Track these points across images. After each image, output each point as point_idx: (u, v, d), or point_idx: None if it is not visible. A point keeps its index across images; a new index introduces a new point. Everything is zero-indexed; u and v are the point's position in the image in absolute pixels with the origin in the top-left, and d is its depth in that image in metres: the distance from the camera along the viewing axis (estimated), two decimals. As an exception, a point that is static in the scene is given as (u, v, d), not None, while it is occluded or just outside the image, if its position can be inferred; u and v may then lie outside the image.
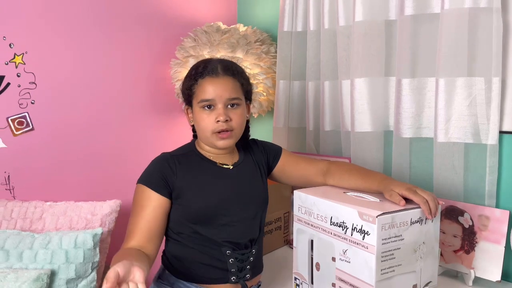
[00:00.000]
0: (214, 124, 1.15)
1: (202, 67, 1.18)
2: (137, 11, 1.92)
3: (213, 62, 1.19)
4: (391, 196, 1.05)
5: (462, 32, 1.36)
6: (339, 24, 1.66)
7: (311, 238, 1.15)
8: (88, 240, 1.44)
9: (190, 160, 1.20)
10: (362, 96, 1.60)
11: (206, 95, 1.15)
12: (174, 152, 1.22)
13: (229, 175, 1.22)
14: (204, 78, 1.16)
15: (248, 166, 1.27)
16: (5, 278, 1.30)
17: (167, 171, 1.15)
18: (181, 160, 1.19)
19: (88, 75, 1.79)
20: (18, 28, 1.60)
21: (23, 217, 1.54)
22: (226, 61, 1.22)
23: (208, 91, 1.15)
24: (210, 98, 1.15)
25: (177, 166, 1.17)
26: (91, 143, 1.81)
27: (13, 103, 1.61)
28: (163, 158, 1.20)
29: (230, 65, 1.21)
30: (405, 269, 1.02)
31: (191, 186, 1.16)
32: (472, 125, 1.39)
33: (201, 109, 1.16)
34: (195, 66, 1.21)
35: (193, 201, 1.15)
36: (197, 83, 1.17)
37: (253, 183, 1.26)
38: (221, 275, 1.18)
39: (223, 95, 1.15)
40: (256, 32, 1.94)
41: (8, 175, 1.62)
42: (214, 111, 1.15)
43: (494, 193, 1.38)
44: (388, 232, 0.97)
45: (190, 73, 1.21)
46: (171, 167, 1.16)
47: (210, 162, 1.22)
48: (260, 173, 1.29)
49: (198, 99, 1.16)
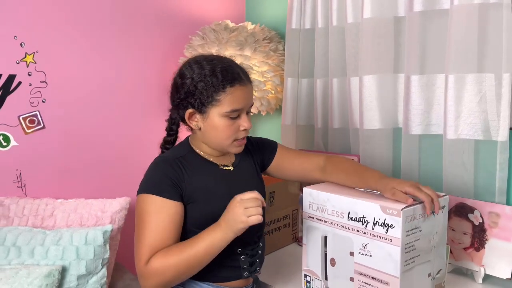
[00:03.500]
0: (238, 132, 1.13)
1: (226, 71, 1.09)
2: (146, 10, 1.93)
3: (234, 67, 1.12)
4: (394, 194, 1.03)
5: (472, 28, 1.34)
6: (348, 21, 1.65)
7: (325, 235, 1.15)
8: (99, 236, 1.45)
9: (192, 163, 1.15)
10: (371, 93, 1.60)
11: (237, 105, 1.10)
12: (172, 154, 1.15)
13: (231, 176, 1.19)
14: (234, 87, 1.09)
15: (245, 164, 1.26)
16: (17, 274, 1.32)
17: (175, 176, 1.09)
18: (184, 163, 1.13)
19: (98, 74, 1.80)
20: (29, 28, 1.62)
21: (34, 214, 1.56)
22: (238, 65, 1.17)
23: (239, 101, 1.10)
24: (240, 108, 1.11)
25: (183, 171, 1.11)
26: (101, 141, 1.83)
27: (24, 102, 1.63)
28: (165, 162, 1.13)
29: (245, 70, 1.17)
30: (423, 259, 1.06)
31: (198, 191, 1.11)
32: (482, 122, 1.38)
33: (224, 118, 1.10)
34: (213, 69, 1.09)
35: (202, 208, 1.11)
36: (224, 92, 1.08)
37: (254, 181, 1.26)
38: (234, 272, 1.17)
39: (248, 104, 1.13)
40: (264, 30, 1.94)
41: (20, 172, 1.64)
42: (238, 119, 1.12)
43: (505, 190, 1.37)
44: (410, 224, 1.00)
45: (211, 79, 1.09)
46: (177, 171, 1.10)
47: (212, 164, 1.18)
48: (256, 170, 1.29)
49: (227, 108, 1.09)
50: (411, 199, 1.01)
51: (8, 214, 1.54)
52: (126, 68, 1.89)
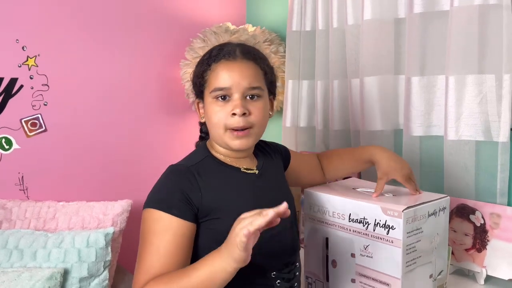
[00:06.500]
0: (229, 118, 0.94)
1: (218, 49, 0.99)
2: (148, 13, 1.94)
3: (231, 45, 1.00)
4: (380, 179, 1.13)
5: (472, 29, 1.34)
6: (348, 23, 1.66)
7: (326, 236, 1.15)
8: (100, 239, 1.46)
9: (210, 169, 0.98)
10: (372, 95, 1.60)
11: (220, 82, 0.94)
12: (186, 162, 0.99)
13: (257, 182, 1.02)
14: (219, 62, 0.96)
15: (271, 167, 1.09)
16: (19, 277, 1.32)
17: (189, 188, 0.92)
18: (199, 170, 0.96)
19: (99, 77, 1.81)
20: (31, 31, 1.63)
21: (36, 217, 1.57)
22: (246, 44, 1.03)
23: (223, 78, 0.94)
24: (225, 86, 0.94)
25: (199, 179, 0.94)
26: (102, 144, 1.84)
27: (26, 105, 1.64)
28: (178, 172, 0.96)
29: (251, 49, 1.01)
30: (424, 260, 1.06)
31: (219, 203, 0.94)
32: (483, 123, 1.37)
33: (213, 100, 0.96)
34: (209, 50, 1.01)
35: (226, 220, 0.86)
36: (210, 69, 0.97)
37: (281, 186, 1.10)
38: None
39: (241, 83, 0.94)
40: (264, 32, 1.95)
41: (22, 175, 1.65)
42: (229, 103, 0.95)
43: (506, 191, 1.36)
44: (411, 225, 1.00)
45: (202, 58, 1.01)
46: (192, 182, 0.93)
47: (233, 168, 1.00)
48: (282, 174, 1.15)
49: (211, 87, 0.96)
50: (379, 192, 1.10)
51: (10, 217, 1.55)
52: (128, 71, 1.89)
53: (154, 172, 1.20)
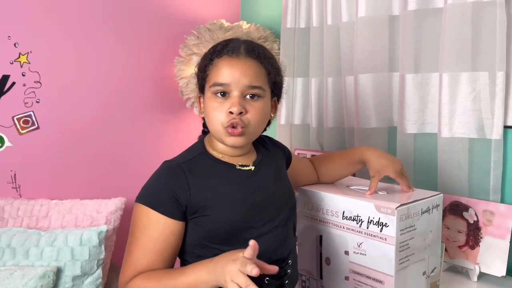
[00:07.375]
0: (226, 115, 0.93)
1: (223, 44, 0.98)
2: (141, 10, 1.92)
3: (237, 41, 0.99)
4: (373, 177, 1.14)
5: (466, 27, 1.35)
6: (342, 20, 1.66)
7: (319, 234, 1.15)
8: (94, 237, 1.45)
9: (203, 166, 0.98)
10: (366, 92, 1.60)
11: (220, 77, 0.94)
12: (180, 159, 0.98)
13: (251, 177, 1.00)
14: (222, 58, 0.95)
15: (269, 163, 1.07)
16: (12, 275, 1.31)
17: (177, 186, 0.92)
18: (191, 167, 0.96)
19: (92, 74, 1.80)
20: (23, 28, 1.61)
21: (29, 215, 1.56)
22: (252, 42, 1.01)
23: (223, 74, 0.94)
24: (225, 82, 0.93)
25: (189, 177, 0.94)
26: (95, 141, 1.82)
27: (18, 102, 1.63)
28: (168, 169, 0.96)
29: (257, 47, 0.99)
30: (417, 258, 1.06)
31: (209, 199, 0.94)
32: (477, 120, 1.38)
33: (212, 96, 0.95)
34: (215, 44, 1.01)
35: (215, 217, 0.93)
36: (212, 63, 0.97)
37: (279, 182, 1.07)
38: None
39: (241, 81, 0.93)
40: (259, 29, 1.94)
41: (14, 173, 1.64)
42: (228, 100, 0.94)
43: (499, 188, 1.37)
44: (404, 223, 1.01)
45: (207, 52, 1.00)
46: (181, 180, 0.93)
47: (227, 165, 0.99)
48: (283, 170, 1.12)
49: (211, 82, 0.95)
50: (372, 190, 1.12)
51: (3, 215, 1.54)
52: (121, 68, 1.88)
53: (147, 169, 1.18)
